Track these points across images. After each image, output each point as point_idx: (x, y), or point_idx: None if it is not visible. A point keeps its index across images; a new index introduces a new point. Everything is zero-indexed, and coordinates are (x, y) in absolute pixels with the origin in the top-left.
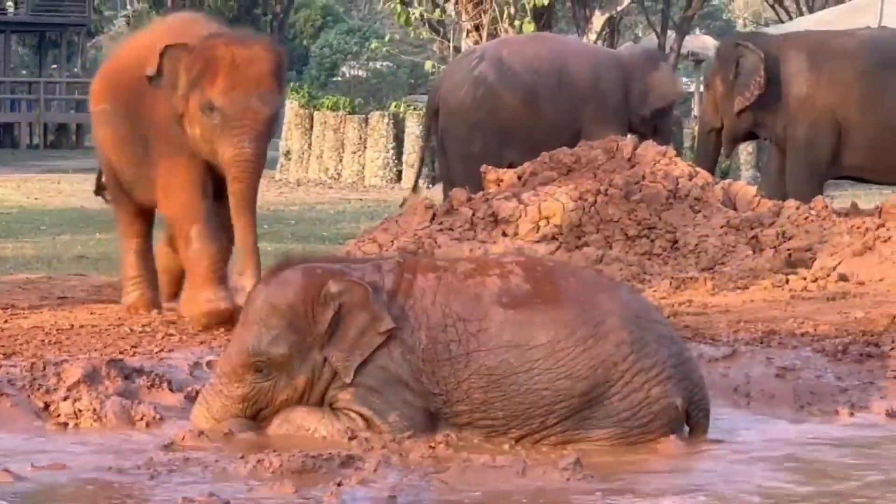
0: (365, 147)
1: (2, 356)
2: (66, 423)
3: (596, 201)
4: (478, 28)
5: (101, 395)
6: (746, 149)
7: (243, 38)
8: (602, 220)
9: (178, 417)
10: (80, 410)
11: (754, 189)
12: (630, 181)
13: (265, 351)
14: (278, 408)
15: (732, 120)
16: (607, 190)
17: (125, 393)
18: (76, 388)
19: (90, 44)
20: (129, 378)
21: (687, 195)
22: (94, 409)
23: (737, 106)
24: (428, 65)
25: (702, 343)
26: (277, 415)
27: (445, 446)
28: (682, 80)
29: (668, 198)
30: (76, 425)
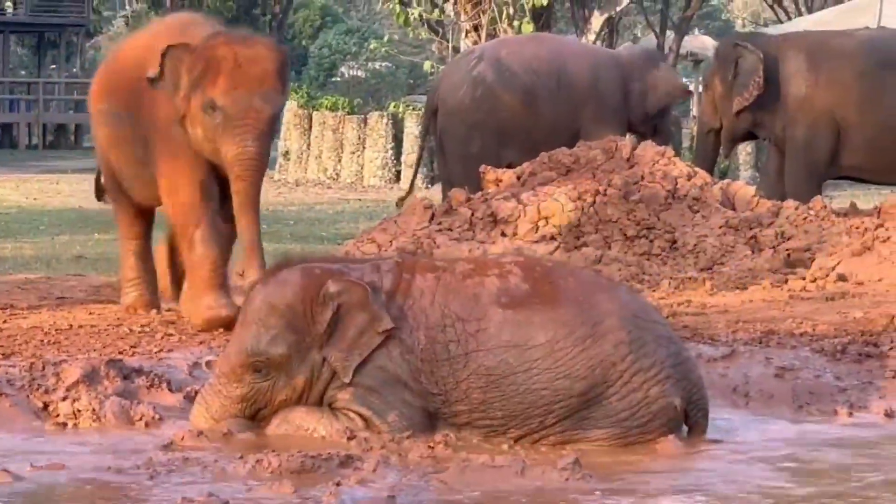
0: (364, 147)
1: (1, 356)
2: (65, 423)
3: (595, 201)
4: (476, 28)
5: (101, 396)
6: (745, 149)
7: (245, 37)
8: (601, 221)
9: (178, 417)
10: (80, 410)
11: (753, 189)
12: (629, 181)
13: (264, 351)
14: (277, 408)
15: (731, 120)
16: (606, 190)
17: (124, 393)
18: (75, 388)
19: (89, 44)
20: (128, 378)
21: (686, 195)
22: (94, 409)
23: (735, 106)
24: (427, 65)
25: (700, 343)
26: (276, 415)
27: (444, 446)
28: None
29: (666, 198)
30: (75, 425)
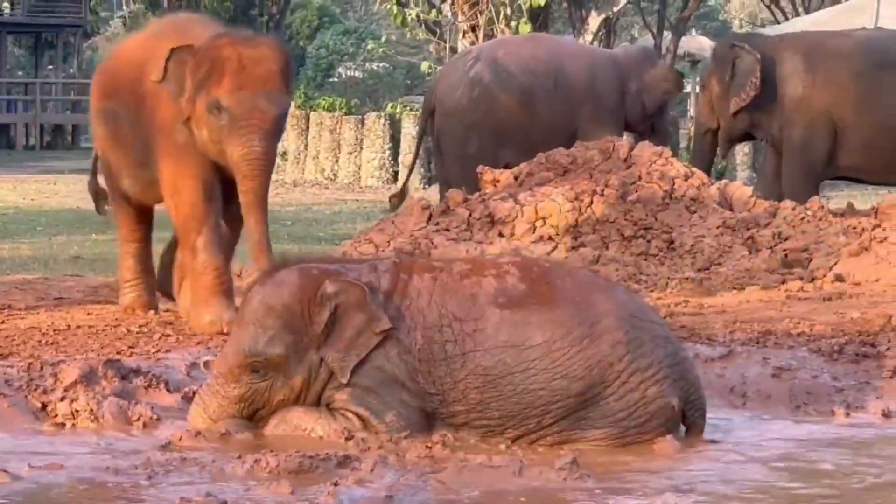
0: (361, 148)
1: None
2: (63, 424)
3: (592, 202)
4: (474, 29)
5: (99, 396)
6: (742, 149)
7: (249, 37)
8: (598, 221)
9: (176, 418)
10: (78, 411)
11: (750, 190)
12: (626, 182)
13: (262, 351)
14: (275, 408)
15: (728, 121)
16: (603, 191)
17: (122, 393)
18: (73, 389)
19: (86, 45)
20: (126, 378)
21: (683, 196)
22: (92, 410)
23: (733, 107)
24: (424, 66)
25: (698, 343)
26: (274, 415)
27: (442, 446)
28: None
29: (664, 198)
30: (73, 426)
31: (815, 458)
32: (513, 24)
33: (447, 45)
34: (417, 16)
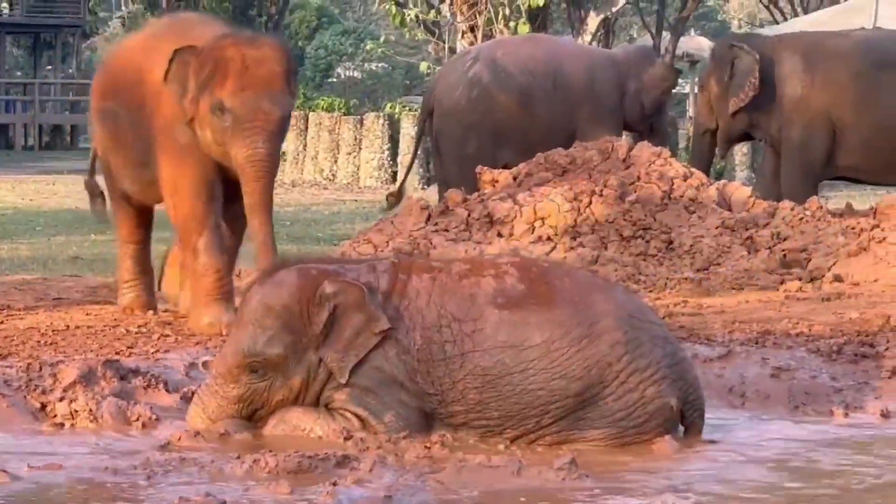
0: (360, 148)
1: None
2: (62, 424)
3: (591, 202)
4: (473, 29)
5: (98, 396)
6: (741, 150)
7: (252, 38)
8: (597, 221)
9: (175, 418)
10: (77, 411)
11: (749, 190)
12: (625, 182)
13: (260, 352)
14: (274, 408)
15: (727, 121)
16: (602, 191)
17: (121, 393)
18: (72, 389)
19: (85, 45)
20: (125, 379)
21: (682, 196)
22: (91, 410)
23: (731, 107)
24: (423, 66)
25: (697, 343)
26: (273, 415)
27: (441, 446)
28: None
29: (663, 199)
30: (72, 426)
31: (813, 458)
32: (511, 24)
33: (446, 46)
34: (416, 16)
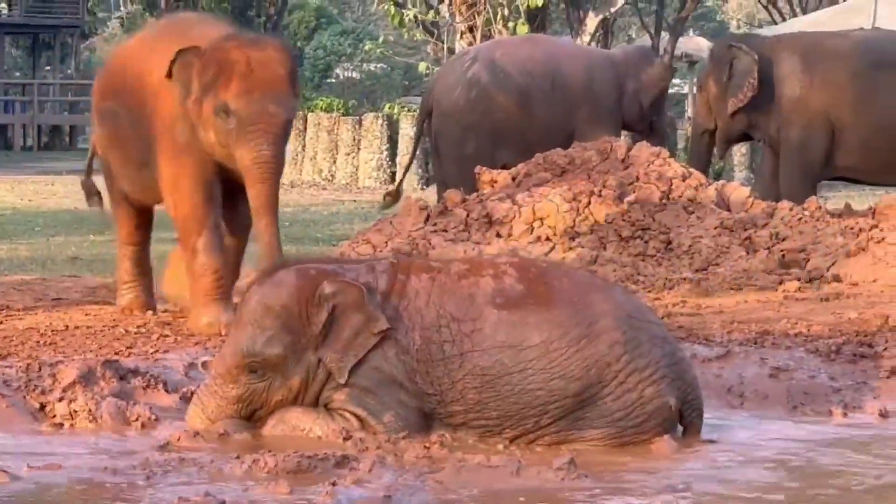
0: (359, 149)
1: None
2: (61, 424)
3: (590, 202)
4: (472, 30)
5: (97, 396)
6: (740, 150)
7: (256, 40)
8: (596, 222)
9: (174, 418)
10: (76, 411)
11: (748, 190)
12: (624, 182)
13: (259, 352)
14: (273, 408)
15: (726, 121)
16: (601, 191)
17: (120, 394)
18: (71, 389)
19: (84, 45)
20: (124, 379)
21: (680, 196)
22: (90, 410)
23: (730, 107)
24: (422, 66)
25: (695, 343)
26: (272, 415)
27: (440, 446)
28: (675, 81)
29: (661, 199)
30: (72, 426)
31: (812, 458)
32: (510, 24)
33: (445, 46)
34: (415, 16)
